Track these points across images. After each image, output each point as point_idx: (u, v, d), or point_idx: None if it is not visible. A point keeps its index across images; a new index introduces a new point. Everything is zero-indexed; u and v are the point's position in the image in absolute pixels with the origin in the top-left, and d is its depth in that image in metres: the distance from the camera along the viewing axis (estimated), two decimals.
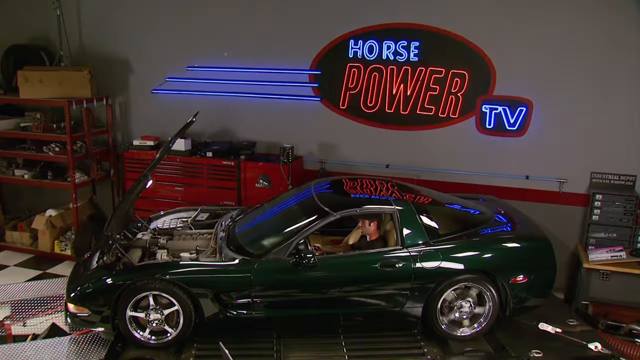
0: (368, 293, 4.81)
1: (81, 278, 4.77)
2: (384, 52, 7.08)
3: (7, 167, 8.26)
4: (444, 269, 4.81)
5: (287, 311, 4.81)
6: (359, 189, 5.58)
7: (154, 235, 5.42)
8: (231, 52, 7.72)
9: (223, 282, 4.65)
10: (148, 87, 8.08)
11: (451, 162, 7.14)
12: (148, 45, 8.02)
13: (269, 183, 7.30)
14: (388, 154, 7.38)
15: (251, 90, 7.69)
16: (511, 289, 4.89)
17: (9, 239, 8.35)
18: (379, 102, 7.24)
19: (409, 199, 5.26)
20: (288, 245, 4.73)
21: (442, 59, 6.89)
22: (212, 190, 7.51)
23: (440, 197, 5.69)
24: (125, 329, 4.62)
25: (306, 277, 4.70)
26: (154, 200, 7.66)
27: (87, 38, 8.26)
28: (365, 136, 7.41)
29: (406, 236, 4.88)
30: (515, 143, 6.84)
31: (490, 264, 4.93)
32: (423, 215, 5.06)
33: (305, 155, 7.71)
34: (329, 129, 7.56)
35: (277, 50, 7.51)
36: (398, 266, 4.75)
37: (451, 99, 6.95)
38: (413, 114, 7.14)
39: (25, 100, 7.74)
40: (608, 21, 6.30)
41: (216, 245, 5.04)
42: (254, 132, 7.86)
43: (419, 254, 4.81)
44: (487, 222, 5.36)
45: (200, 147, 7.66)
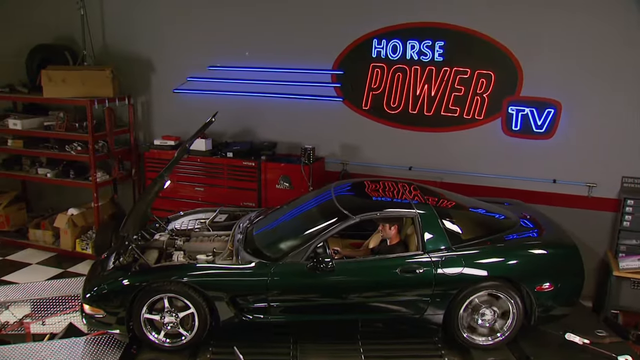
0: (387, 299, 4.69)
1: (97, 279, 4.74)
2: (408, 52, 6.93)
3: (31, 165, 8.31)
4: (467, 276, 4.66)
5: (304, 316, 4.71)
6: (380, 191, 5.46)
7: (171, 237, 5.37)
8: (253, 51, 7.65)
9: (239, 285, 4.57)
10: (170, 87, 8.06)
11: (476, 164, 6.96)
12: (170, 45, 8.00)
13: (290, 184, 7.21)
14: (411, 156, 7.23)
15: (273, 90, 7.60)
16: (536, 297, 4.72)
17: (32, 237, 8.41)
18: (402, 103, 7.09)
19: (432, 202, 5.12)
20: (306, 248, 4.63)
21: (468, 59, 6.71)
22: (232, 191, 7.45)
23: (464, 201, 5.54)
24: (140, 331, 4.58)
25: (324, 281, 4.60)
26: (175, 200, 7.64)
27: (110, 38, 8.28)
28: (387, 138, 7.28)
29: (427, 241, 4.74)
30: (542, 146, 6.63)
31: (514, 270, 4.76)
32: (445, 219, 4.92)
33: (327, 157, 7.60)
34: (351, 130, 7.44)
35: (299, 50, 7.42)
36: (419, 272, 4.62)
37: (476, 100, 6.77)
38: (437, 115, 6.97)
39: (49, 99, 7.77)
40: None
41: (233, 247, 4.96)
42: (275, 132, 7.78)
43: (441, 259, 4.67)
44: (512, 227, 5.20)
45: (221, 148, 7.61)
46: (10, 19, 8.68)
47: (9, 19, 8.70)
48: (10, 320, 5.80)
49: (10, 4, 8.63)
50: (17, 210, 8.70)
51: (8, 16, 8.70)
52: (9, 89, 8.26)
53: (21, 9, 8.56)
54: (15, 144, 8.15)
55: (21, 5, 8.55)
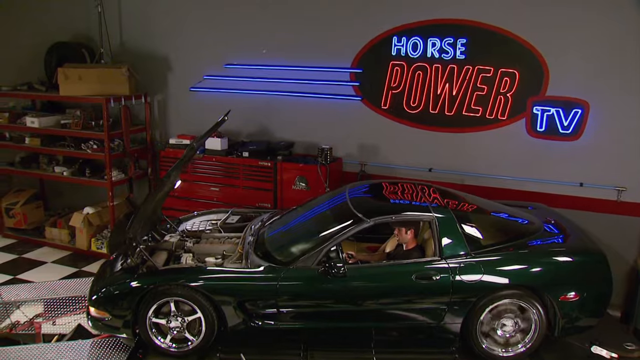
0: (402, 306, 4.50)
1: (103, 280, 4.63)
2: (429, 50, 6.70)
3: (48, 163, 8.28)
4: (486, 283, 4.44)
5: (315, 323, 4.54)
6: (399, 194, 5.27)
7: (181, 238, 5.25)
8: (270, 49, 7.50)
9: (247, 290, 4.42)
10: (186, 85, 7.96)
11: (498, 166, 6.70)
12: (187, 42, 7.90)
13: (306, 185, 7.04)
14: (431, 157, 7.00)
15: (290, 89, 7.44)
16: (561, 307, 4.48)
17: (48, 236, 8.39)
18: (422, 103, 6.87)
19: (451, 206, 4.91)
20: (317, 252, 4.46)
21: (491, 56, 6.46)
22: (248, 192, 7.31)
23: (485, 205, 5.32)
24: (146, 335, 4.45)
25: (336, 287, 4.42)
26: (190, 200, 7.53)
27: (127, 35, 8.22)
28: (407, 138, 7.06)
29: (445, 246, 4.53)
30: (568, 147, 6.34)
31: (538, 279, 4.54)
32: (465, 224, 4.71)
33: (345, 157, 7.41)
34: (369, 130, 7.24)
35: (317, 48, 7.24)
36: (435, 278, 4.41)
37: (500, 99, 6.51)
38: (458, 115, 6.73)
39: (65, 97, 7.73)
40: None
41: (243, 250, 4.81)
42: (292, 132, 7.62)
43: (459, 265, 4.46)
44: (535, 232, 4.97)
45: (237, 147, 7.47)
46: (29, 17, 8.69)
47: (27, 17, 8.70)
48: (21, 320, 5.76)
49: (29, 2, 8.63)
50: (35, 208, 8.69)
51: (27, 14, 8.70)
52: (27, 87, 8.24)
53: (39, 6, 8.56)
54: (32, 142, 8.13)
55: (40, 3, 8.54)
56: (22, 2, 8.69)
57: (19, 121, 8.12)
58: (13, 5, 8.75)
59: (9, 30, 8.88)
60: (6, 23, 8.88)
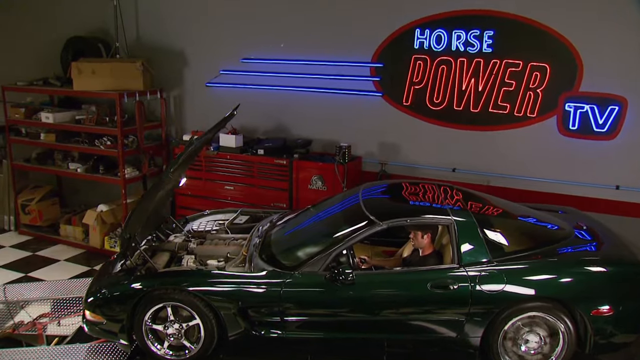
0: (416, 317, 4.16)
1: (100, 282, 4.39)
2: (454, 43, 6.33)
3: (63, 160, 8.16)
4: (509, 294, 4.08)
5: (322, 333, 4.22)
6: (418, 195, 4.92)
7: (186, 239, 4.99)
8: (288, 43, 7.22)
9: (248, 296, 4.13)
10: (203, 80, 7.75)
11: (527, 167, 6.29)
12: (203, 37, 7.68)
13: (323, 185, 6.74)
14: (455, 157, 6.62)
15: (308, 84, 7.15)
16: (592, 321, 4.09)
17: (63, 233, 8.27)
18: (446, 99, 6.50)
19: (474, 209, 4.55)
20: (325, 257, 4.15)
21: (520, 50, 6.05)
22: (263, 191, 7.04)
23: (512, 209, 4.96)
24: (142, 341, 4.20)
25: (344, 295, 4.10)
26: (204, 199, 7.29)
27: (143, 30, 8.05)
28: (430, 136, 6.70)
29: (464, 253, 4.17)
30: (603, 147, 5.90)
31: (567, 290, 4.16)
32: (487, 228, 4.35)
33: (365, 156, 7.08)
34: (390, 128, 6.90)
35: (337, 41, 6.93)
36: (452, 288, 4.06)
37: (529, 95, 6.10)
38: (485, 112, 6.34)
39: (79, 92, 7.58)
40: None
41: (247, 253, 4.51)
42: (310, 129, 7.33)
43: (479, 274, 4.09)
44: (566, 239, 4.58)
45: (252, 144, 7.21)
46: (47, 12, 8.59)
47: (45, 12, 8.61)
48: (25, 320, 5.61)
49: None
50: (51, 205, 8.59)
51: (44, 9, 8.61)
52: (42, 82, 8.14)
53: (57, 0, 8.45)
54: (47, 138, 8.02)
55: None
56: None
57: (35, 117, 8.02)
58: (31, 0, 8.66)
59: (28, 25, 8.82)
60: (24, 18, 8.81)
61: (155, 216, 4.89)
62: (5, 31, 9.02)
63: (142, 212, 4.46)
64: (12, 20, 8.93)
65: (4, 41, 9.03)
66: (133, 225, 4.34)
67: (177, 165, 4.46)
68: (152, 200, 4.50)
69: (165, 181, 4.49)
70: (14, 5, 8.84)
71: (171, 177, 4.38)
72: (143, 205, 4.47)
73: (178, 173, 4.83)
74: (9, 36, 8.97)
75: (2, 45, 9.05)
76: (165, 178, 4.36)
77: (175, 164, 4.49)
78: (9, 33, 8.97)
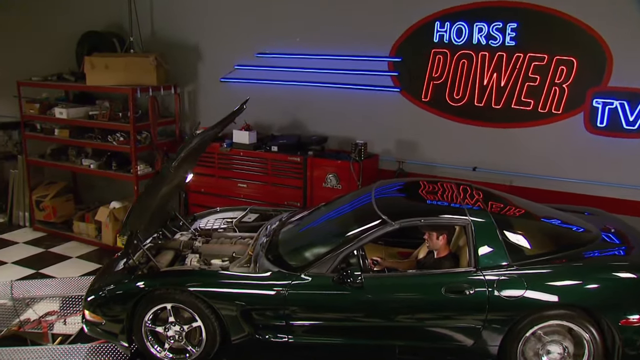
0: (429, 323, 3.91)
1: (100, 281, 4.24)
2: (475, 36, 6.06)
3: (77, 156, 8.07)
4: (530, 301, 3.82)
5: (330, 338, 4.00)
6: (434, 194, 4.69)
7: (193, 237, 4.82)
8: (303, 37, 7.02)
9: (251, 298, 3.93)
10: (217, 75, 7.59)
11: (551, 166, 6.00)
12: (218, 31, 7.53)
13: (338, 183, 6.52)
14: (476, 155, 6.35)
15: (324, 80, 6.94)
16: (621, 331, 3.79)
17: (76, 230, 8.18)
18: (467, 94, 6.24)
19: (494, 209, 4.29)
20: (332, 258, 3.93)
21: (545, 43, 5.76)
22: (277, 189, 6.85)
23: (535, 209, 4.70)
24: (142, 343, 4.03)
25: (353, 298, 3.87)
26: (217, 196, 7.13)
27: (158, 25, 7.93)
28: (450, 133, 6.44)
29: (482, 255, 3.92)
30: (634, 145, 5.58)
31: (593, 297, 3.88)
32: (507, 230, 4.09)
33: (382, 154, 6.85)
34: (408, 124, 6.66)
35: (354, 35, 6.71)
36: (468, 292, 3.81)
37: (554, 91, 5.80)
38: (507, 109, 6.06)
39: (92, 87, 7.49)
40: None
41: (253, 252, 4.31)
42: (326, 125, 7.12)
43: (497, 278, 3.83)
44: (592, 242, 4.29)
45: (266, 141, 7.02)
46: (63, 6, 8.53)
47: (61, 6, 8.55)
48: (31, 318, 5.51)
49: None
50: (65, 201, 8.51)
51: (60, 3, 8.55)
52: (57, 77, 8.07)
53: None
54: (61, 134, 7.94)
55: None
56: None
57: (49, 112, 7.95)
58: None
59: (44, 20, 8.77)
60: (41, 13, 8.77)
61: (161, 213, 4.73)
62: (21, 26, 8.99)
63: (144, 209, 4.28)
64: (28, 16, 8.90)
65: (20, 36, 9.00)
66: (134, 222, 4.17)
67: (180, 160, 4.25)
68: (154, 196, 4.32)
69: (169, 177, 4.30)
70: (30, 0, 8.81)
71: (172, 172, 4.17)
72: (144, 202, 4.29)
73: (184, 169, 4.65)
74: (25, 31, 8.95)
75: (18, 41, 9.03)
76: (166, 172, 4.16)
77: (176, 158, 4.28)
78: (25, 28, 8.95)
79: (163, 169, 4.22)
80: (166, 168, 4.20)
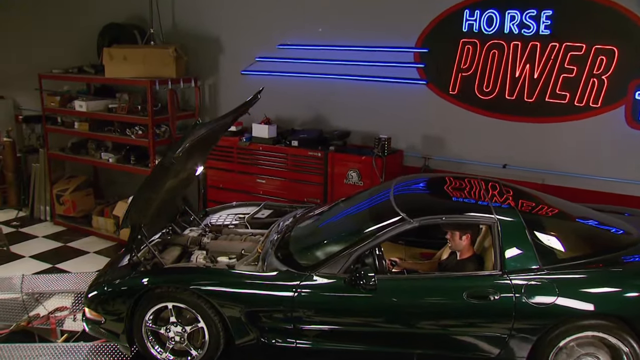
0: (450, 331, 3.58)
1: (102, 276, 4.03)
2: (506, 25, 5.70)
3: (96, 149, 7.97)
4: (562, 309, 3.47)
5: (341, 344, 3.71)
6: (458, 190, 4.36)
7: (203, 233, 4.59)
8: (326, 27, 6.75)
9: (257, 299, 3.66)
10: (238, 68, 7.38)
11: (588, 164, 5.62)
12: (239, 23, 7.32)
13: (359, 179, 6.23)
14: (506, 152, 6.00)
15: (347, 72, 6.67)
16: None
17: (95, 225, 8.08)
18: (497, 87, 5.88)
19: (525, 208, 3.95)
20: (345, 257, 3.64)
21: (583, 31, 5.38)
22: (296, 185, 6.60)
23: (570, 209, 4.36)
24: (142, 343, 3.80)
25: (366, 302, 3.58)
26: (236, 192, 6.91)
27: (179, 16, 7.77)
28: (478, 128, 6.10)
29: (509, 258, 3.59)
30: None
31: (633, 307, 3.50)
32: (539, 230, 3.74)
33: (407, 150, 6.53)
34: (435, 119, 6.34)
35: (378, 26, 6.42)
36: (493, 298, 3.47)
37: (593, 82, 5.41)
38: (541, 102, 5.69)
39: (110, 79, 7.38)
40: None
41: (263, 250, 4.05)
42: (348, 120, 6.84)
43: (526, 283, 3.49)
44: (633, 245, 3.91)
45: (286, 135, 6.78)
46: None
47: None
48: (41, 313, 5.38)
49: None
50: (85, 195, 8.42)
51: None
52: (77, 69, 7.99)
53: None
54: (81, 127, 7.86)
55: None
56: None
57: (69, 105, 7.87)
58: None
59: (66, 12, 8.71)
60: (64, 5, 8.71)
61: (169, 208, 4.50)
62: (45, 19, 8.96)
63: (147, 202, 4.05)
64: (50, 8, 8.85)
65: (44, 30, 8.97)
66: (134, 215, 3.93)
67: (185, 150, 3.97)
68: (157, 189, 4.08)
69: (173, 168, 4.04)
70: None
71: (176, 163, 3.91)
72: (145, 195, 4.05)
73: (193, 161, 4.41)
74: (50, 24, 8.91)
75: (41, 33, 9.00)
76: (168, 163, 3.91)
77: (180, 147, 3.99)
78: (50, 21, 8.91)
79: (164, 159, 3.96)
80: (168, 158, 3.93)
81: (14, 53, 9.47)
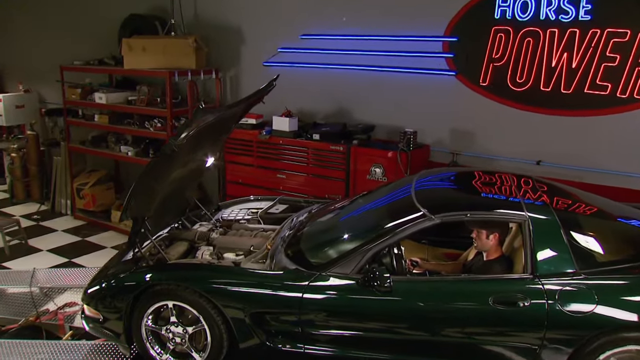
0: (474, 340, 3.24)
1: (103, 272, 3.82)
2: (542, 10, 5.33)
3: (116, 142, 7.84)
4: (601, 318, 3.12)
5: (353, 351, 3.41)
6: (486, 186, 4.02)
7: (213, 227, 4.34)
8: (350, 16, 6.47)
9: (262, 299, 3.39)
10: (260, 59, 7.15)
11: (632, 161, 5.21)
12: (261, 12, 7.11)
13: (383, 175, 5.92)
14: (540, 147, 5.63)
15: (372, 63, 6.37)
16: None
17: (114, 219, 7.97)
18: (532, 78, 5.52)
19: (560, 206, 3.59)
20: (358, 256, 3.33)
21: (627, 16, 4.97)
22: (317, 180, 6.32)
23: (610, 208, 4.01)
24: (141, 343, 3.57)
25: (380, 305, 3.27)
26: (255, 187, 6.66)
27: (200, 7, 7.59)
28: (511, 122, 5.74)
29: (541, 260, 3.24)
30: None
31: None
32: (575, 230, 3.38)
33: (434, 144, 6.20)
34: (464, 112, 5.99)
35: (405, 14, 6.11)
36: (522, 304, 3.12)
37: (637, 72, 5.00)
38: (579, 94, 5.30)
39: (129, 71, 7.25)
40: None
41: (272, 247, 3.78)
42: (373, 113, 6.54)
43: (560, 289, 3.13)
44: None
45: (308, 129, 6.51)
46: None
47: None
48: (50, 308, 5.23)
49: None
50: (105, 190, 8.32)
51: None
52: (98, 61, 7.88)
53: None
54: (101, 120, 7.74)
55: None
56: None
57: (89, 97, 7.76)
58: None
59: (90, 5, 8.65)
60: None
61: (177, 201, 4.26)
62: (68, 12, 8.91)
63: (150, 193, 3.80)
64: (74, 1, 8.80)
65: (67, 22, 8.92)
66: (135, 207, 3.67)
67: (190, 138, 3.67)
68: (161, 180, 3.81)
69: (178, 157, 3.74)
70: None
71: (178, 150, 3.62)
72: (147, 185, 3.80)
73: (203, 151, 4.16)
74: (72, 17, 8.86)
75: (65, 27, 8.95)
76: (169, 149, 3.61)
77: (184, 134, 3.68)
78: (72, 13, 8.85)
79: (165, 146, 3.66)
80: (170, 145, 3.64)
81: (40, 47, 9.46)
